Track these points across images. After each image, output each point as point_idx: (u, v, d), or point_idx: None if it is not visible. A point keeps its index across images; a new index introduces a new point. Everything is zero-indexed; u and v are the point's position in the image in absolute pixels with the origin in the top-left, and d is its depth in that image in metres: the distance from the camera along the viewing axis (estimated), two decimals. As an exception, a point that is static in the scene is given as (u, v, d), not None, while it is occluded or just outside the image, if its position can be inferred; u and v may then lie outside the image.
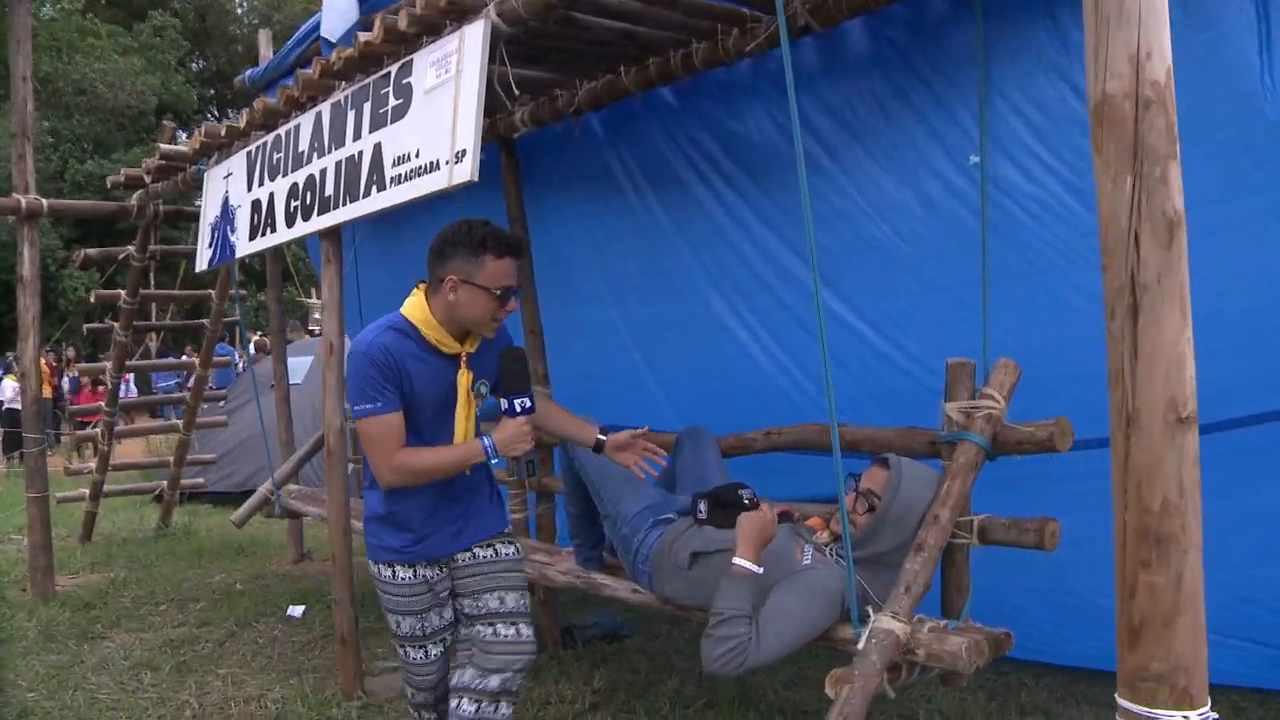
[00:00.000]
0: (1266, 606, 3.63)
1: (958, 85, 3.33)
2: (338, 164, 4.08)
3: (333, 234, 4.25)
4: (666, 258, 4.49)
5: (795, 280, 3.97)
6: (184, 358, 12.32)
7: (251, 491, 8.90)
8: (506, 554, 3.18)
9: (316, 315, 20.44)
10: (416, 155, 3.56)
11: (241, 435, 9.22)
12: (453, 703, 3.07)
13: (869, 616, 2.76)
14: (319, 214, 4.21)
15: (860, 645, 2.70)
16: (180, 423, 7.81)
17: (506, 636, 3.09)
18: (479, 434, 3.04)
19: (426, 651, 3.15)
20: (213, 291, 7.18)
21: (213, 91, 33.82)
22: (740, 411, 3.91)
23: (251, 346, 16.79)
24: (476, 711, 3.02)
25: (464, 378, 2.99)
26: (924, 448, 3.18)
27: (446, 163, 3.39)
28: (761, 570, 2.91)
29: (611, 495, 3.46)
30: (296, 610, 5.71)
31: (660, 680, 4.41)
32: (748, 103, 3.98)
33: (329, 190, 4.13)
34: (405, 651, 3.16)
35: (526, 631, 3.10)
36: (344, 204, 4.01)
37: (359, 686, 4.28)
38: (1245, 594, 3.61)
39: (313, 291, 21.20)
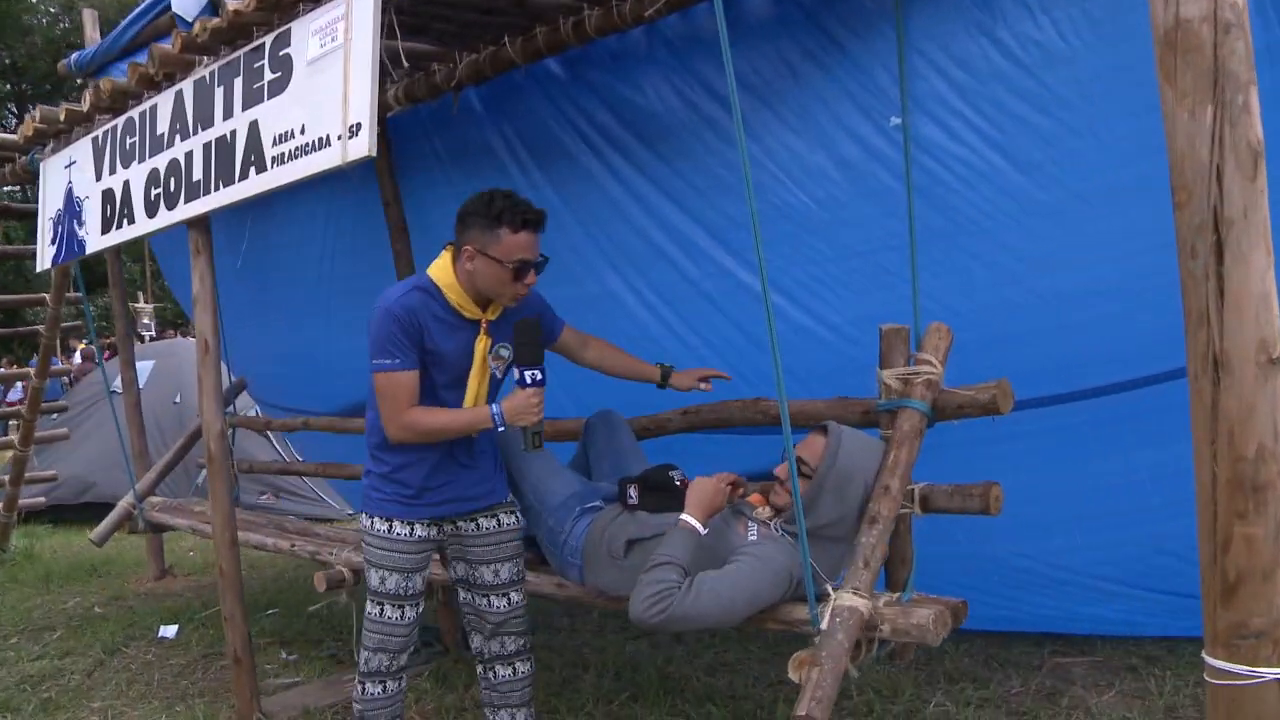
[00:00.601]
0: (1180, 557, 3.71)
1: (870, 44, 3.24)
2: (206, 146, 3.74)
3: (201, 223, 3.90)
4: (556, 237, 4.25)
5: (699, 251, 3.84)
6: None
7: (93, 505, 8.41)
8: (508, 524, 3.19)
9: (145, 320, 19.38)
10: (302, 132, 3.28)
11: (77, 446, 8.55)
12: (478, 669, 3.29)
13: (827, 595, 2.66)
14: (186, 201, 3.86)
15: (823, 625, 2.60)
16: (15, 438, 7.17)
17: (499, 606, 3.18)
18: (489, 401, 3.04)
19: (403, 612, 3.07)
20: (47, 295, 6.60)
21: (9, 86, 31.58)
22: (644, 392, 3.75)
23: (77, 355, 15.72)
24: (495, 676, 3.24)
25: (481, 344, 2.98)
26: (858, 418, 3.10)
27: (339, 138, 3.12)
28: (705, 530, 2.84)
29: (533, 486, 3.27)
30: (169, 630, 5.30)
31: (577, 676, 4.25)
32: (643, 71, 3.82)
33: (197, 175, 3.79)
34: (383, 610, 3.06)
35: (516, 597, 3.21)
36: (216, 189, 3.68)
37: (257, 708, 3.96)
38: (1161, 546, 3.69)
39: (140, 295, 20.11)
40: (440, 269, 2.95)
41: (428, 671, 4.38)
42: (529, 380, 2.93)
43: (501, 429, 2.93)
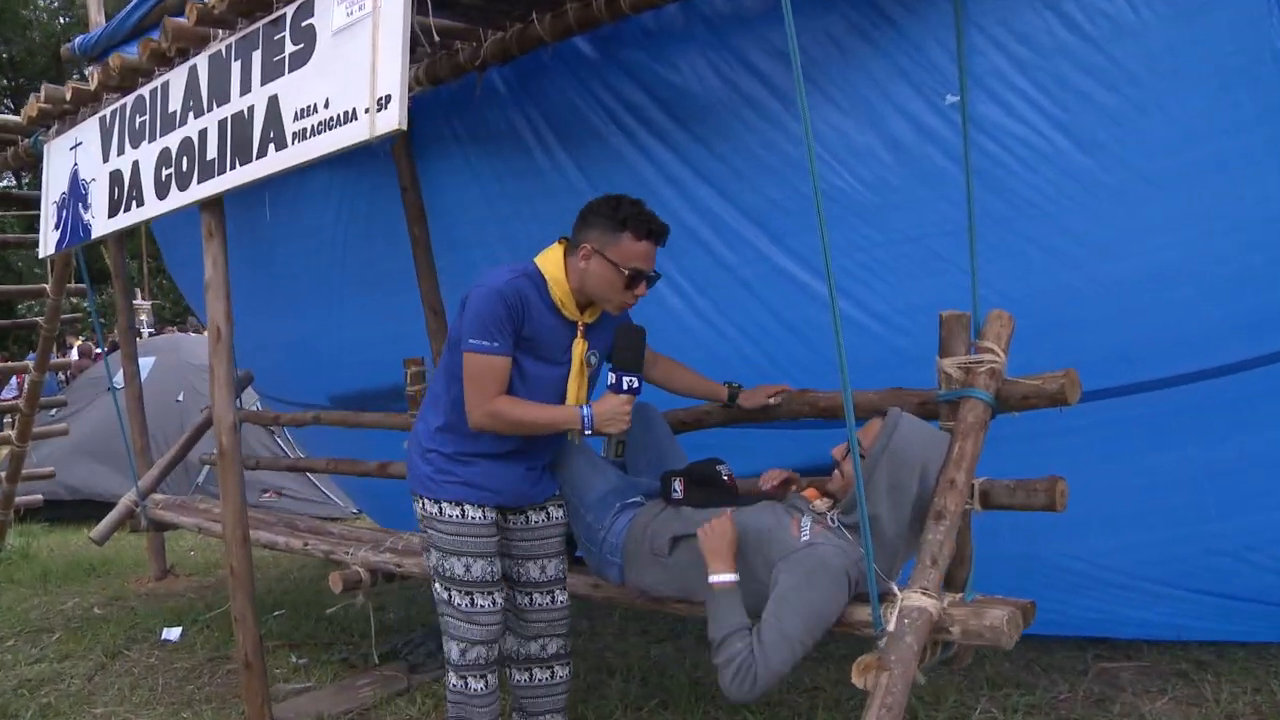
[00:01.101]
0: (1233, 556, 3.57)
1: (924, 18, 3.08)
2: (221, 123, 3.57)
3: (215, 204, 3.73)
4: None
5: (735, 236, 3.67)
6: None
7: (89, 501, 8.21)
8: (557, 517, 3.13)
9: (142, 317, 19.16)
10: (326, 106, 3.12)
11: (72, 439, 8.30)
12: (510, 672, 3.16)
13: (891, 595, 2.50)
14: (199, 181, 3.70)
15: (890, 626, 2.44)
16: (13, 433, 6.97)
17: (542, 604, 3.09)
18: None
19: (494, 598, 2.96)
20: (47, 286, 6.41)
21: (6, 81, 31.30)
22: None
23: (74, 351, 15.49)
24: (529, 679, 3.12)
25: (579, 347, 2.93)
26: (915, 410, 2.92)
27: (366, 111, 2.97)
28: (737, 577, 2.69)
29: (571, 480, 3.10)
30: (172, 633, 5.11)
31: (603, 681, 4.08)
32: (680, 48, 3.65)
33: (211, 153, 3.62)
34: (473, 599, 2.93)
35: (561, 596, 3.12)
36: (232, 167, 3.52)
37: (268, 715, 3.79)
38: (1212, 546, 3.54)
39: (137, 292, 19.88)
40: (551, 261, 2.88)
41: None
42: (625, 386, 2.86)
43: (588, 433, 2.85)
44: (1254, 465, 3.34)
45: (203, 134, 3.67)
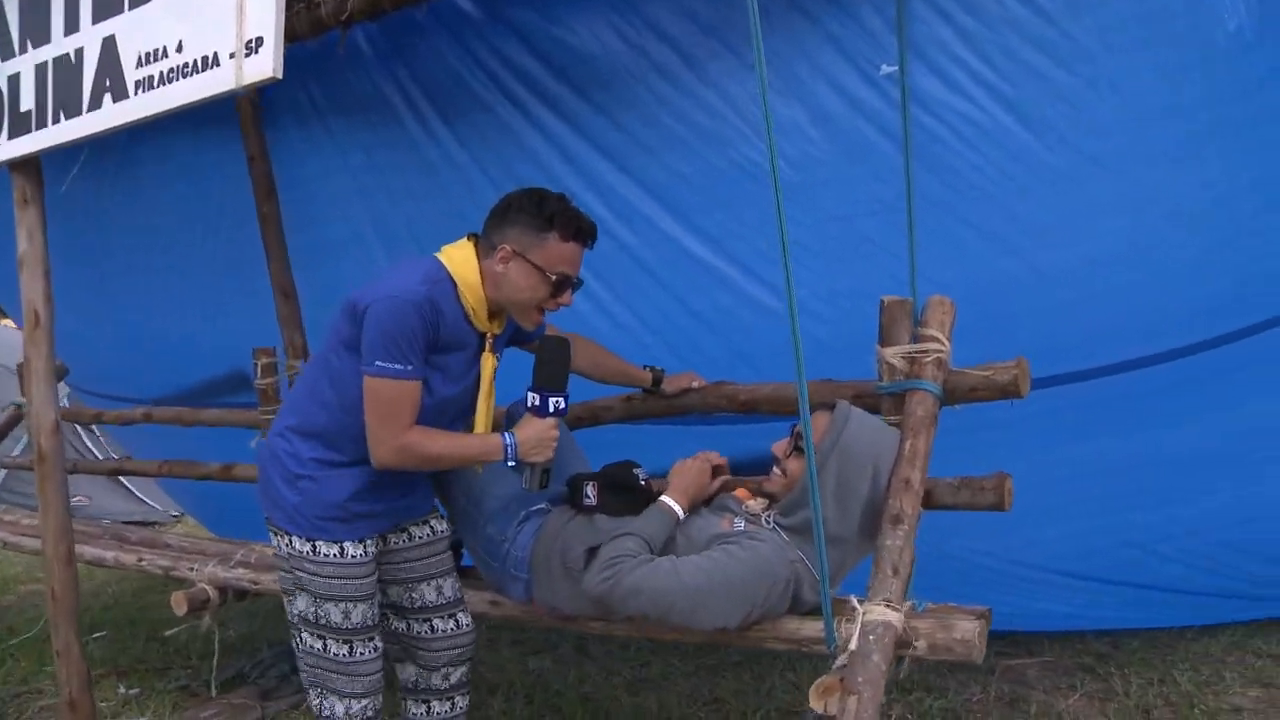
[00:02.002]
0: (1143, 548, 3.53)
1: (858, -18, 2.87)
2: (40, 68, 3.02)
3: (30, 165, 3.18)
4: (462, 200, 3.74)
5: (637, 215, 3.36)
6: None
7: None
8: (441, 530, 2.78)
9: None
10: (179, 50, 2.64)
11: None
12: (406, 705, 2.81)
13: (850, 608, 2.26)
14: (10, 137, 3.13)
15: (853, 644, 2.19)
16: None
17: (446, 631, 2.74)
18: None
19: (375, 644, 2.61)
20: None
21: None
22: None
23: None
24: (427, 713, 2.78)
25: (489, 363, 2.56)
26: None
27: (231, 56, 2.51)
28: (683, 515, 2.54)
29: (467, 488, 2.75)
30: (-33, 665, 4.44)
31: (484, 702, 3.72)
32: (577, 8, 3.32)
33: (26, 104, 3.07)
34: (353, 648, 2.56)
35: (465, 619, 2.77)
36: (55, 121, 2.98)
37: (98, 760, 3.27)
38: (1127, 537, 3.49)
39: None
40: (461, 263, 2.47)
41: (303, 702, 3.77)
42: (551, 408, 2.51)
43: (512, 464, 2.50)
44: (1168, 460, 3.29)
45: (14, 81, 3.11)
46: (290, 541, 2.52)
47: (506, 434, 2.49)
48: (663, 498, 2.56)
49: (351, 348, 2.43)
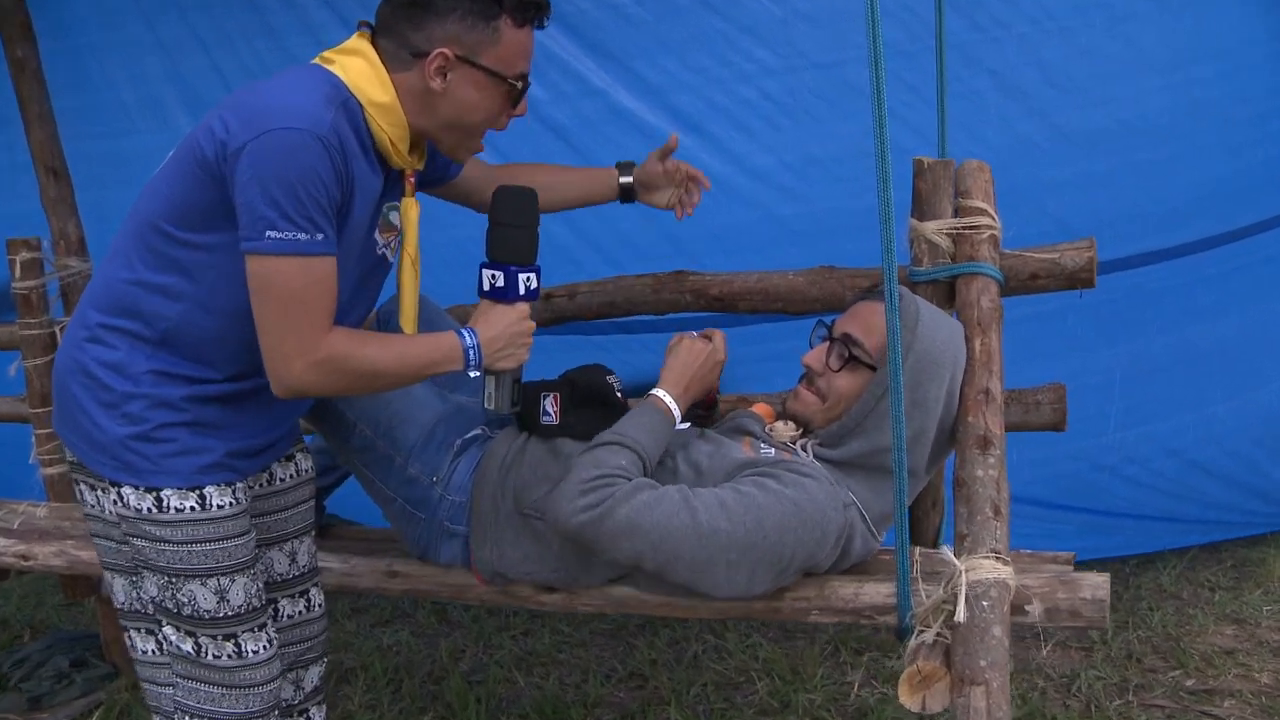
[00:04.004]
0: (1111, 471, 3.14)
1: None
2: None
3: None
4: (301, 47, 2.86)
5: (553, 63, 2.61)
6: None
7: None
8: (307, 469, 1.97)
9: None
10: None
11: None
12: None
13: (945, 563, 1.65)
14: None
15: (960, 614, 1.57)
16: None
17: (294, 615, 1.95)
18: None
19: (269, 636, 1.80)
20: None
21: None
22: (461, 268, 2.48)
23: None
24: None
25: (413, 210, 1.76)
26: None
27: None
28: (680, 417, 1.88)
29: (370, 413, 1.94)
30: None
31: (343, 692, 2.93)
32: None
33: None
34: (240, 645, 1.75)
35: (318, 598, 2.00)
36: None
37: None
38: (1099, 461, 3.08)
39: None
40: (363, 75, 1.63)
41: (96, 708, 2.86)
42: (522, 289, 1.77)
43: (475, 374, 1.77)
44: (1159, 366, 2.87)
45: None
46: (120, 495, 1.66)
47: (465, 330, 1.72)
48: (655, 392, 1.86)
49: (213, 212, 1.57)
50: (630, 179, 2.11)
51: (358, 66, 1.62)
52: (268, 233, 1.50)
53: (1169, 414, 2.96)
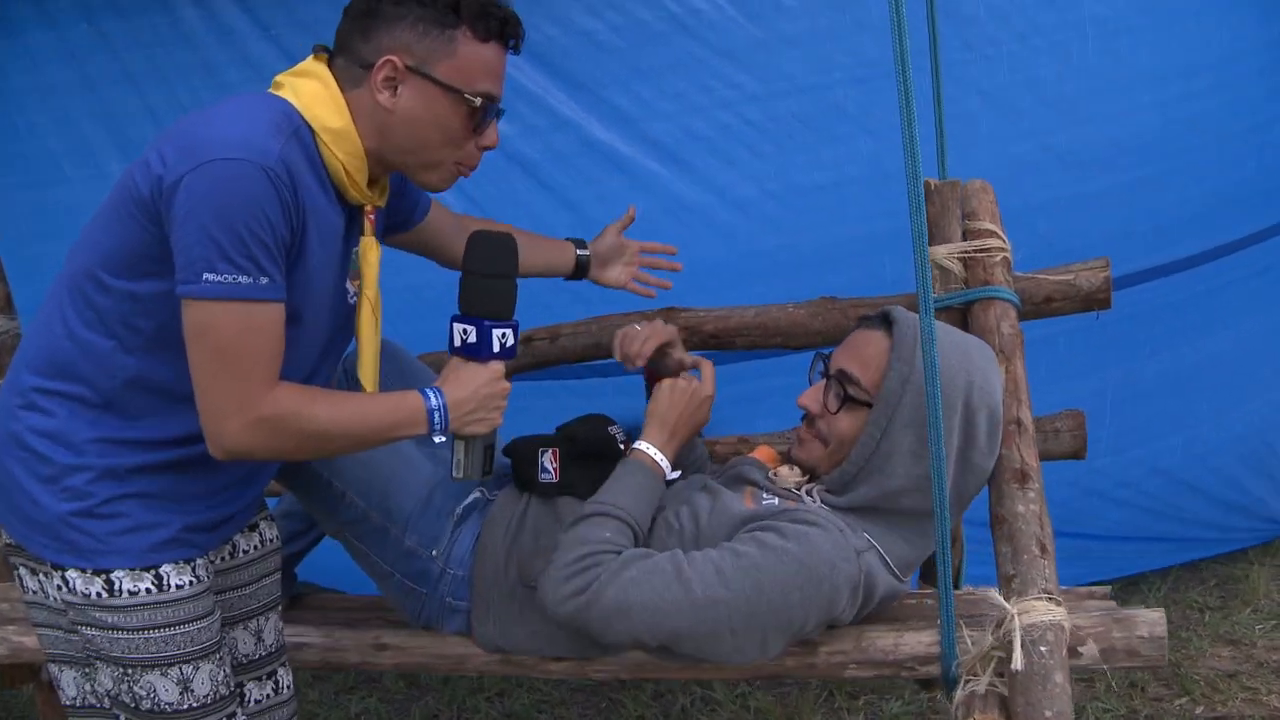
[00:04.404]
0: (1102, 495, 3.07)
1: None
2: None
3: None
4: (243, 82, 2.71)
5: (521, 94, 2.46)
6: None
7: None
8: (271, 539, 1.79)
9: None
10: None
11: None
12: None
13: (996, 606, 1.53)
14: None
15: (1017, 661, 1.46)
16: None
17: (261, 700, 1.75)
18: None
19: None
20: None
21: None
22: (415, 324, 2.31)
23: None
24: None
25: (372, 252, 1.56)
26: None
27: None
28: (676, 473, 1.76)
29: (359, 480, 1.76)
30: None
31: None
32: None
33: None
34: None
35: (286, 679, 1.81)
36: None
37: None
38: (1090, 486, 3.01)
39: None
40: (316, 98, 1.47)
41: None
42: (496, 346, 1.58)
43: (439, 439, 1.57)
44: (1150, 388, 2.83)
45: None
46: (64, 580, 1.47)
47: (430, 390, 1.54)
48: (640, 445, 1.72)
49: (153, 256, 1.40)
50: (587, 253, 2.02)
51: (310, 89, 1.47)
52: (205, 275, 1.33)
53: (1159, 434, 2.91)
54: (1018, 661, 1.46)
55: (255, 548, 1.73)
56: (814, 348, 2.06)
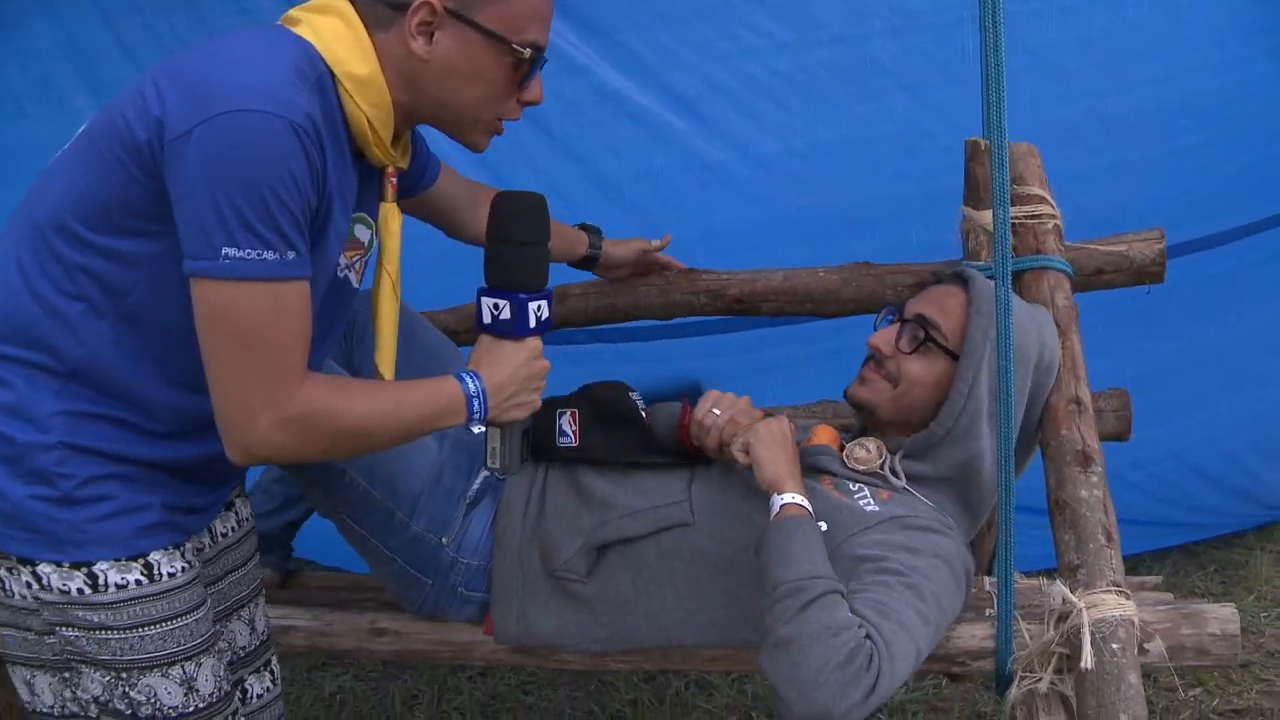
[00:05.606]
0: (1113, 476, 2.97)
1: None
2: None
3: None
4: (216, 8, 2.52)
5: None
6: None
7: None
8: (246, 517, 1.60)
9: None
10: None
11: None
12: None
13: (1063, 599, 1.42)
14: None
15: (1087, 659, 1.34)
16: None
17: (260, 694, 1.59)
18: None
19: None
20: None
21: None
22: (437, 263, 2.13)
23: None
24: None
25: (394, 219, 1.36)
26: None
27: None
28: (805, 501, 1.51)
29: (363, 462, 1.60)
30: None
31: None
32: None
33: None
34: None
35: (276, 669, 1.65)
36: None
37: None
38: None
39: None
40: (345, 43, 1.24)
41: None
42: (533, 321, 1.40)
43: (478, 428, 1.39)
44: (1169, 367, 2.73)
45: None
46: (36, 576, 1.29)
47: (466, 375, 1.37)
48: (784, 499, 1.48)
49: (142, 212, 1.20)
50: (599, 251, 1.94)
51: (332, 28, 1.25)
52: (225, 250, 1.14)
53: (1176, 415, 2.82)
54: (1088, 660, 1.36)
55: (233, 529, 1.54)
56: (846, 315, 1.94)
